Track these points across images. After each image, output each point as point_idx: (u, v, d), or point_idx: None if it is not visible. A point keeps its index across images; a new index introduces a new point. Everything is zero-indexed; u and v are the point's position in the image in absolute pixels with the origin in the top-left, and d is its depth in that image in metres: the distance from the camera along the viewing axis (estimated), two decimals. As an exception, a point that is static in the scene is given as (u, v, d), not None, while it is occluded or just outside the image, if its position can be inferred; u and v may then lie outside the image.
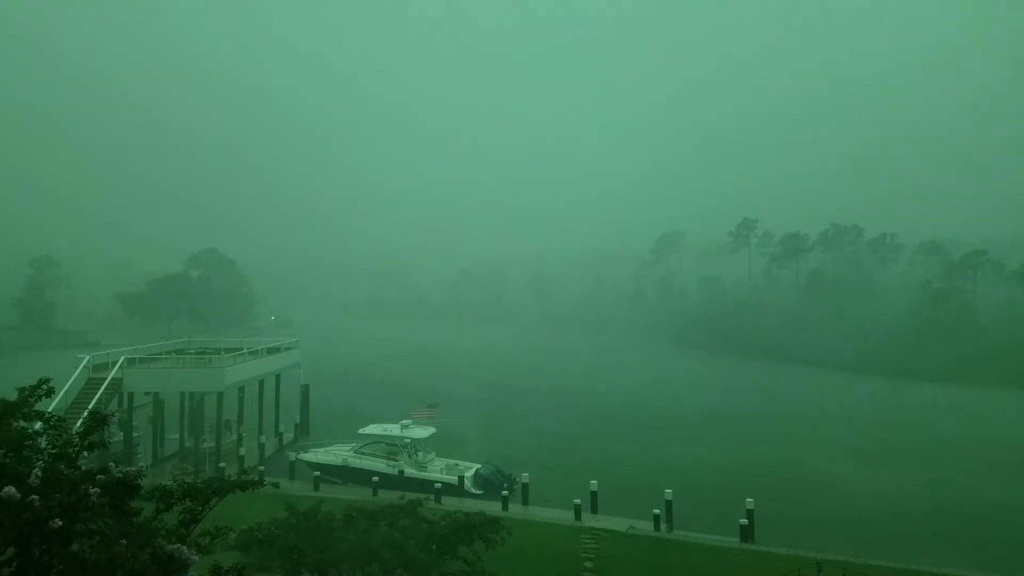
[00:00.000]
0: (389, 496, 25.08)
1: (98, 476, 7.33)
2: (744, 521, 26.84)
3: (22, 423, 8.89)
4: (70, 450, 8.07)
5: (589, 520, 28.33)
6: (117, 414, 34.87)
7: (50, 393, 9.31)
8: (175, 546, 7.24)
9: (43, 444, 8.31)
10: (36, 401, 9.11)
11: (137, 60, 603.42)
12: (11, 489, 6.61)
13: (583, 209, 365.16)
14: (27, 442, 8.21)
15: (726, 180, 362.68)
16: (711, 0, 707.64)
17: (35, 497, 6.67)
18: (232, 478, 9.23)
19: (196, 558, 7.37)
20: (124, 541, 6.91)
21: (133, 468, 7.67)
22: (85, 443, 8.24)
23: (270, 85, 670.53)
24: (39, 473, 7.12)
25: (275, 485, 11.11)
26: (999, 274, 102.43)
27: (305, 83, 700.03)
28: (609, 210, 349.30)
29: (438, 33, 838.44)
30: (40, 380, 9.31)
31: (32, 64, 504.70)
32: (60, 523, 6.60)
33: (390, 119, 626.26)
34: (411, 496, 18.06)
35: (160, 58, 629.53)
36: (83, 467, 7.90)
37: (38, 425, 8.77)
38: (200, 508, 8.37)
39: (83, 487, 7.08)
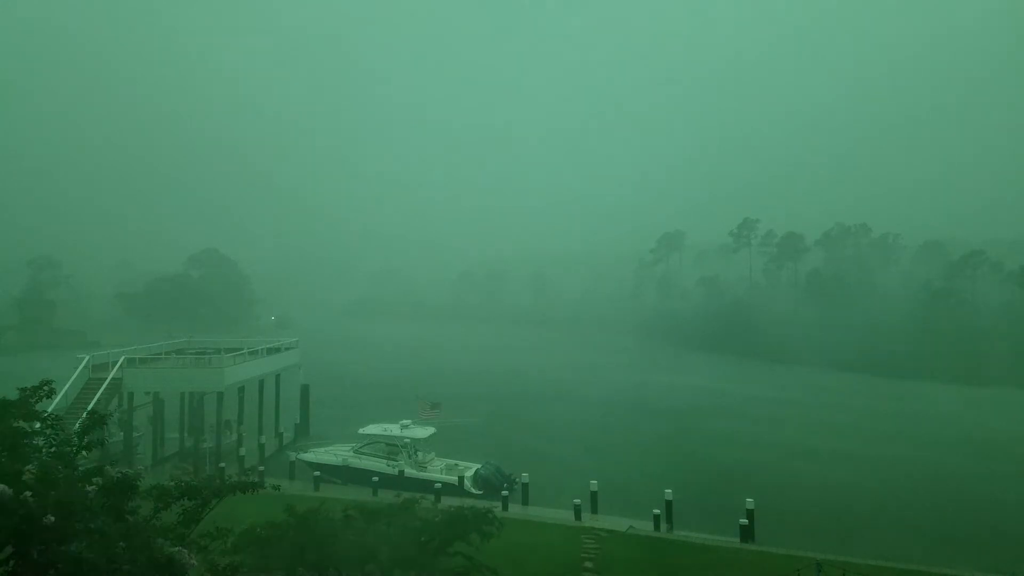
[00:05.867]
0: (388, 496, 25.07)
1: (94, 478, 7.32)
2: (744, 521, 26.82)
3: (21, 423, 8.88)
4: (68, 449, 8.06)
5: (589, 520, 28.33)
6: (116, 414, 34.92)
7: (51, 394, 9.31)
8: (175, 549, 7.22)
9: (40, 443, 8.30)
10: (37, 402, 9.10)
11: (138, 57, 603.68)
12: (2, 487, 6.59)
13: (583, 209, 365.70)
14: (24, 440, 8.19)
15: (727, 180, 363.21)
16: (713, 0, 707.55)
17: (28, 494, 6.65)
18: (233, 479, 9.20)
19: (195, 563, 7.37)
20: (123, 543, 6.89)
21: (132, 470, 7.66)
22: (83, 442, 8.24)
23: (272, 84, 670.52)
24: (33, 471, 7.10)
25: (276, 488, 11.12)
26: (998, 274, 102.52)
27: (307, 83, 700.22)
28: (609, 210, 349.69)
29: (440, 34, 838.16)
30: (42, 381, 9.31)
31: (31, 62, 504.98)
32: (53, 519, 6.58)
33: (391, 119, 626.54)
34: (407, 495, 18.04)
35: (161, 55, 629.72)
36: (82, 467, 7.89)
37: (37, 425, 8.76)
38: (200, 508, 8.36)
39: (80, 485, 7.07)
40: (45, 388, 9.41)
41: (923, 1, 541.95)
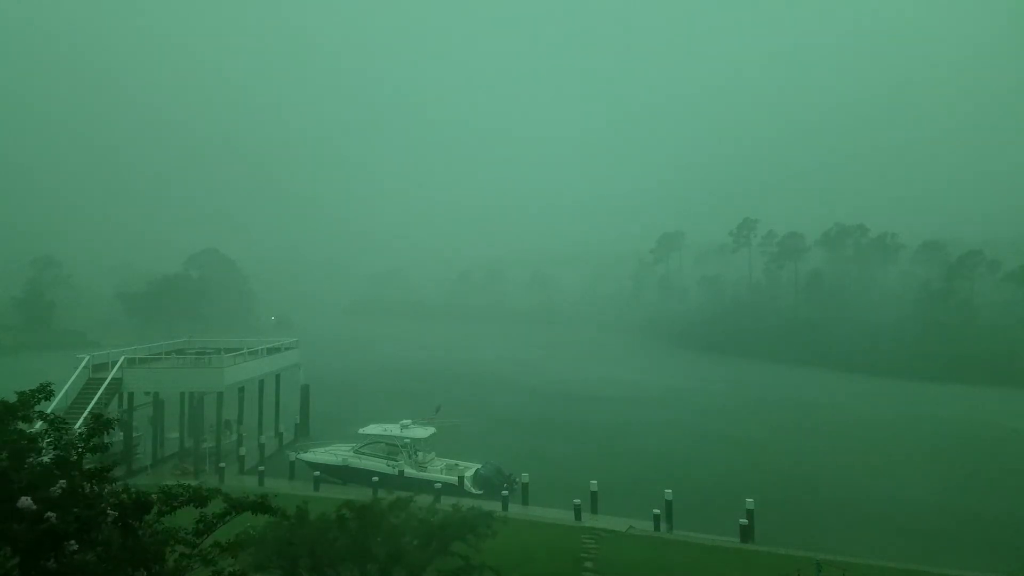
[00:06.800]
0: (384, 496, 25.07)
1: (111, 500, 7.40)
2: (744, 521, 26.84)
3: (21, 425, 8.88)
4: (73, 452, 8.07)
5: (589, 520, 28.34)
6: (117, 415, 34.95)
7: (49, 396, 9.30)
8: None
9: (44, 444, 8.30)
10: (36, 404, 9.09)
11: (138, 57, 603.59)
12: (27, 500, 6.64)
13: (583, 209, 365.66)
14: (29, 443, 8.19)
15: (726, 180, 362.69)
16: (713, 1, 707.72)
17: (51, 515, 6.71)
18: (251, 498, 9.23)
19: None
20: (131, 559, 6.96)
21: (150, 494, 7.75)
22: (88, 446, 8.26)
23: (271, 84, 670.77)
24: (64, 484, 7.17)
25: (286, 517, 11.26)
26: (996, 274, 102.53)
27: (306, 81, 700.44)
28: (609, 210, 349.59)
29: (438, 34, 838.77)
30: (41, 384, 9.31)
31: (32, 62, 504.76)
32: (76, 546, 6.65)
33: (391, 119, 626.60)
34: (402, 494, 18.02)
35: (161, 55, 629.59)
36: (87, 468, 7.91)
37: (39, 425, 8.76)
38: (215, 521, 8.44)
39: (101, 506, 7.14)
40: (44, 390, 9.38)
41: (926, 10, 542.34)
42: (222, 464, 34.61)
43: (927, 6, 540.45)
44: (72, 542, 6.63)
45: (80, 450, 8.07)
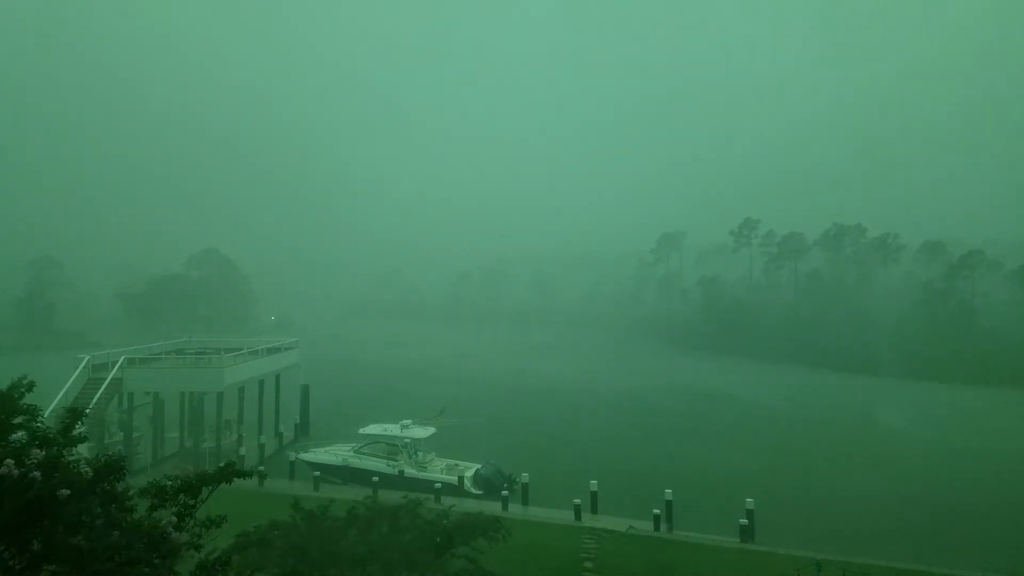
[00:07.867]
0: (390, 496, 25.06)
1: (84, 468, 7.41)
2: (744, 521, 26.81)
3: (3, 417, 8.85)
4: (53, 442, 8.07)
5: (589, 520, 28.32)
6: (116, 414, 34.95)
7: (31, 388, 9.26)
8: (172, 532, 7.30)
9: (23, 438, 8.28)
10: (20, 397, 9.04)
11: (139, 58, 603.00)
12: (10, 463, 6.56)
13: (583, 209, 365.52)
14: (6, 433, 8.17)
15: (726, 180, 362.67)
16: (714, 1, 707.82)
17: (36, 474, 6.65)
18: (217, 469, 9.28)
19: (186, 537, 7.45)
20: (116, 532, 6.92)
21: (112, 454, 7.78)
22: (66, 438, 8.25)
23: (272, 84, 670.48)
24: (42, 453, 7.14)
25: (263, 475, 11.20)
26: (996, 274, 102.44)
27: (307, 82, 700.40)
28: (609, 210, 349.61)
29: (439, 33, 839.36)
30: (19, 377, 9.30)
31: (33, 62, 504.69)
32: (68, 492, 6.61)
33: (391, 119, 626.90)
34: (412, 496, 18.08)
35: (161, 56, 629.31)
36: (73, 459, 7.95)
37: (19, 420, 8.74)
38: (193, 501, 8.36)
39: (84, 472, 7.16)
40: (23, 385, 9.36)
41: (926, 8, 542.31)
42: (222, 464, 34.56)
43: (928, 3, 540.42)
44: (64, 491, 6.55)
45: (59, 445, 8.07)
